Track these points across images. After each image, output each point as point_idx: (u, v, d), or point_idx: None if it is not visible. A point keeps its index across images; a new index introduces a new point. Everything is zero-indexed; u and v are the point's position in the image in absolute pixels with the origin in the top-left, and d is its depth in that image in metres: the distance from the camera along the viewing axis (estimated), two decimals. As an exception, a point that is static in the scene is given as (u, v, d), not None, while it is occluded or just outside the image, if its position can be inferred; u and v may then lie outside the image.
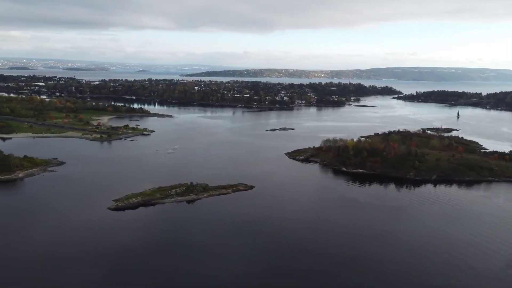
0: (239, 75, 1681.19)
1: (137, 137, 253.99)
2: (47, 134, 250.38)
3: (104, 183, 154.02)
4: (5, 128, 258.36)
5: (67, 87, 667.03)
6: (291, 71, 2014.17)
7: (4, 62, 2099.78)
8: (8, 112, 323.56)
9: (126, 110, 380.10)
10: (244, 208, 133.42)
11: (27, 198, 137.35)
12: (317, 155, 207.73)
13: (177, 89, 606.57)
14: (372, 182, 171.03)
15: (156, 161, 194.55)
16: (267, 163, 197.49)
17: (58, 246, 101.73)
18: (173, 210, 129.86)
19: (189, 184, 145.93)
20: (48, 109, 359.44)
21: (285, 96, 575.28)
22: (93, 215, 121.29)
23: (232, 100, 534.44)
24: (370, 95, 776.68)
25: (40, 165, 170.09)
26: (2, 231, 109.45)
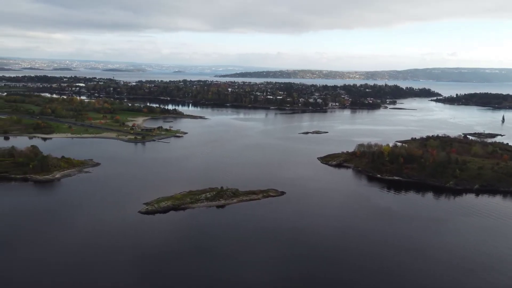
0: (272, 76, 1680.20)
1: (170, 139, 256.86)
2: (84, 135, 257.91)
3: (136, 185, 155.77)
4: (46, 128, 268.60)
5: (106, 88, 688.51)
6: (325, 72, 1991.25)
7: (48, 63, 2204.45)
8: (49, 112, 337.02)
9: (160, 112, 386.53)
10: (273, 215, 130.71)
11: (63, 199, 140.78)
12: (351, 160, 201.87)
13: (210, 91, 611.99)
14: (409, 190, 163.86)
15: (187, 163, 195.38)
16: (298, 167, 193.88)
17: (90, 249, 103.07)
18: (203, 215, 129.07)
19: (219, 189, 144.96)
20: (87, 110, 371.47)
21: (319, 98, 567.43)
22: (124, 218, 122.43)
23: (265, 102, 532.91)
24: (407, 97, 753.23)
25: (76, 166, 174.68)
26: (38, 232, 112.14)
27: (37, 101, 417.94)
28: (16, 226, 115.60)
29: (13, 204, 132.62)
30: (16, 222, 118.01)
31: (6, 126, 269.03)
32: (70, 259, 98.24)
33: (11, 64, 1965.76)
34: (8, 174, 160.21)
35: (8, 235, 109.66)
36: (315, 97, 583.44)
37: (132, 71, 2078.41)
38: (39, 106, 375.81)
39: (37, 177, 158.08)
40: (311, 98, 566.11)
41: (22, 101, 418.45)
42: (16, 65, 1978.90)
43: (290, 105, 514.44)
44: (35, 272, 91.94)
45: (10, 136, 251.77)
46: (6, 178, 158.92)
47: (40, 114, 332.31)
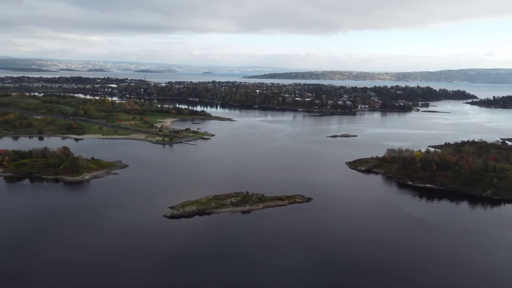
0: (301, 77, 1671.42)
1: (197, 141, 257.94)
2: (114, 136, 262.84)
3: (162, 188, 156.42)
4: (78, 129, 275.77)
5: (137, 89, 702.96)
6: (354, 73, 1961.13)
7: (84, 64, 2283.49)
8: (82, 113, 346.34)
9: (188, 113, 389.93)
10: (299, 222, 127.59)
11: (91, 201, 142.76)
12: (381, 166, 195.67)
13: (239, 92, 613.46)
14: (442, 199, 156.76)
15: (213, 166, 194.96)
16: (326, 172, 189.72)
17: (115, 251, 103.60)
18: (228, 221, 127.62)
19: (245, 194, 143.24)
20: (117, 111, 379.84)
21: (348, 100, 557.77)
22: (149, 222, 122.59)
23: (293, 104, 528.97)
24: (441, 99, 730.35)
25: (105, 167, 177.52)
26: (65, 233, 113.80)
27: (71, 102, 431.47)
28: (44, 227, 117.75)
29: (43, 205, 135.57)
30: (45, 223, 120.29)
31: (41, 127, 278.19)
32: (95, 260, 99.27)
33: (49, 65, 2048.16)
34: (40, 174, 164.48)
35: (37, 235, 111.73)
36: (344, 99, 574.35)
37: (162, 72, 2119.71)
38: (73, 107, 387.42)
39: (67, 178, 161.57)
40: (340, 100, 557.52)
41: (57, 102, 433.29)
42: (53, 66, 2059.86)
43: (318, 107, 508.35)
44: (60, 272, 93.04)
45: (44, 136, 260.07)
46: (39, 178, 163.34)
47: (73, 115, 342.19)
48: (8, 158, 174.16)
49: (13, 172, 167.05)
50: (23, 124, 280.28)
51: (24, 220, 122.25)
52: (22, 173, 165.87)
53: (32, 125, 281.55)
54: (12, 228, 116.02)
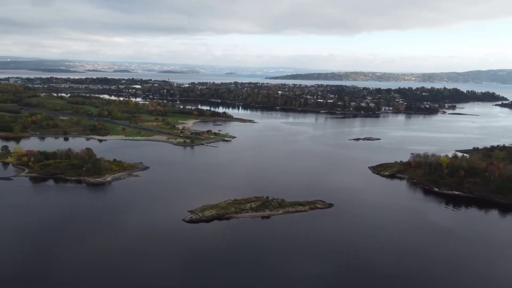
0: (324, 78, 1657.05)
1: (218, 143, 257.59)
2: (136, 137, 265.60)
3: (182, 191, 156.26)
4: (102, 130, 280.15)
5: (160, 89, 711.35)
6: (378, 74, 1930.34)
7: (110, 65, 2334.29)
8: (106, 114, 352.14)
9: (210, 114, 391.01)
10: (320, 229, 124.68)
11: (112, 203, 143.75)
12: (405, 171, 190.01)
13: (260, 93, 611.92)
14: (470, 207, 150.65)
15: (234, 169, 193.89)
16: (348, 177, 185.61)
17: (134, 254, 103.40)
18: (247, 226, 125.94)
19: (265, 199, 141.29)
20: (141, 112, 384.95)
21: (371, 102, 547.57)
22: (169, 225, 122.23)
23: (315, 106, 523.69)
24: (468, 101, 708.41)
25: (126, 169, 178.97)
26: (85, 235, 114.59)
27: (96, 103, 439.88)
28: (66, 228, 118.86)
29: (66, 206, 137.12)
30: (66, 225, 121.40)
31: (66, 127, 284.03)
32: (114, 262, 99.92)
33: (76, 66, 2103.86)
34: (64, 175, 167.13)
35: (58, 236, 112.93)
36: (367, 101, 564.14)
37: (186, 72, 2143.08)
38: (98, 108, 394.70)
39: (89, 179, 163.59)
40: (363, 102, 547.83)
41: (83, 103, 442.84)
42: (81, 67, 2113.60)
43: (341, 109, 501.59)
44: (80, 272, 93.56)
45: (69, 137, 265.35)
46: (62, 179, 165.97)
47: (98, 116, 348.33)
48: (33, 159, 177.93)
49: (38, 172, 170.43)
50: (49, 125, 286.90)
51: (47, 221, 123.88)
52: (47, 174, 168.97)
53: (58, 125, 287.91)
54: (35, 229, 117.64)
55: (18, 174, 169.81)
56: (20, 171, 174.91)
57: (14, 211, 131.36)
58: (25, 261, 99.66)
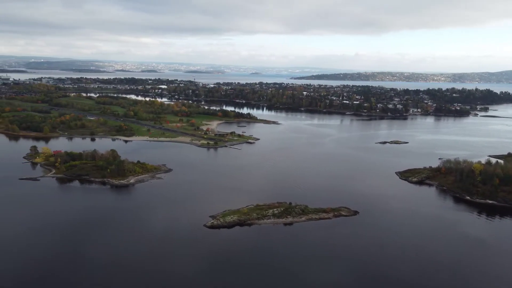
0: (350, 78, 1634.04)
1: (242, 145, 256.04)
2: (161, 139, 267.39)
3: (204, 195, 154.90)
4: (127, 131, 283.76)
5: (185, 90, 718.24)
6: (406, 74, 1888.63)
7: (137, 65, 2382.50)
8: (132, 115, 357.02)
9: (234, 116, 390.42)
10: (344, 237, 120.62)
11: (134, 205, 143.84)
12: (434, 177, 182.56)
13: (285, 94, 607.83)
14: (505, 217, 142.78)
15: (256, 173, 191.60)
16: (374, 183, 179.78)
17: (156, 258, 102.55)
18: (269, 233, 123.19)
19: (288, 205, 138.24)
20: (166, 113, 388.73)
21: (399, 104, 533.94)
22: (189, 230, 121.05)
23: (340, 107, 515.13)
24: (502, 103, 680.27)
25: (150, 171, 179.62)
26: (107, 237, 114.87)
27: (122, 103, 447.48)
28: (89, 230, 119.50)
29: (90, 208, 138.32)
30: (89, 226, 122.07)
31: (93, 128, 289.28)
32: (134, 264, 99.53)
33: (105, 67, 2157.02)
34: (88, 177, 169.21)
35: (81, 237, 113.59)
36: (394, 102, 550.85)
37: (211, 72, 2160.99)
38: (124, 108, 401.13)
39: (113, 181, 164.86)
40: (390, 104, 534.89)
41: (110, 103, 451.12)
42: (110, 67, 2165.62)
43: (367, 110, 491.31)
44: (102, 273, 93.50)
45: (96, 137, 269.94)
46: (87, 180, 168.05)
47: (124, 116, 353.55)
48: (60, 160, 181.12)
49: (64, 173, 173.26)
50: (77, 125, 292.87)
51: (71, 223, 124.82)
52: (72, 175, 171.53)
53: (86, 126, 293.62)
54: (60, 231, 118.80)
55: (45, 175, 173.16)
56: (48, 171, 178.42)
57: (40, 212, 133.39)
58: (52, 262, 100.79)
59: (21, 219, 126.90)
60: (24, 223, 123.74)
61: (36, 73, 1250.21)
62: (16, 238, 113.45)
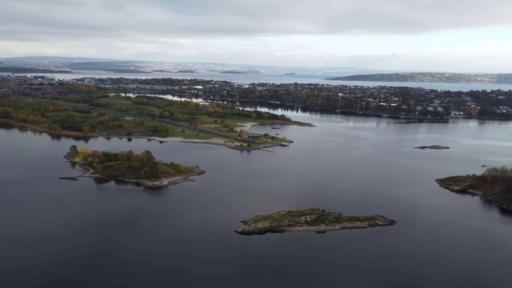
0: (387, 79, 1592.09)
1: (275, 148, 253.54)
2: (195, 140, 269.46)
3: (235, 199, 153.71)
4: (163, 132, 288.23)
5: (220, 91, 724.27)
6: (447, 75, 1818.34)
7: (174, 66, 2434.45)
8: (167, 115, 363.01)
9: (268, 117, 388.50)
10: (379, 248, 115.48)
11: (167, 208, 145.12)
12: (479, 186, 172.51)
13: (320, 96, 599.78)
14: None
15: (289, 177, 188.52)
16: (412, 190, 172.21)
17: (187, 261, 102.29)
18: (301, 241, 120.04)
19: (321, 212, 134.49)
20: (200, 113, 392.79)
21: (439, 106, 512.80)
22: (221, 236, 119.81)
23: (377, 109, 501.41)
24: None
25: (183, 173, 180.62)
26: (139, 239, 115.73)
27: (159, 104, 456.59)
28: (121, 231, 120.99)
29: (123, 209, 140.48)
30: (122, 227, 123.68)
31: (130, 128, 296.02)
32: (164, 266, 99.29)
33: (144, 67, 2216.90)
34: (123, 177, 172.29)
35: (116, 238, 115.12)
36: (435, 105, 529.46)
37: (247, 73, 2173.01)
38: (160, 109, 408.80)
39: (147, 182, 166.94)
40: (430, 106, 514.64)
41: (147, 103, 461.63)
42: (148, 67, 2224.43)
43: (405, 113, 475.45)
44: (135, 272, 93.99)
45: (133, 137, 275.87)
46: (123, 181, 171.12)
47: (160, 117, 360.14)
48: (97, 160, 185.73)
49: (101, 173, 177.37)
50: (115, 125, 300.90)
51: (106, 223, 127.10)
52: (108, 175, 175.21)
53: (123, 126, 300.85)
54: (95, 230, 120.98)
55: (83, 175, 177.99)
56: (85, 171, 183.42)
57: (77, 212, 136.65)
58: (89, 260, 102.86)
59: (59, 218, 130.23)
60: (62, 223, 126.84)
61: (79, 73, 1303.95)
62: (54, 237, 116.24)
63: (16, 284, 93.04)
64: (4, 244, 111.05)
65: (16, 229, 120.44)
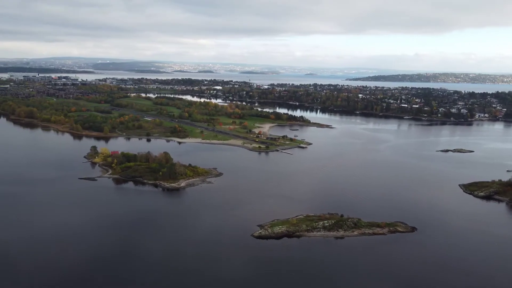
0: (409, 80, 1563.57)
1: (293, 150, 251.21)
2: (213, 141, 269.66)
3: (253, 202, 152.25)
4: (181, 132, 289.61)
5: (240, 91, 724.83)
6: (471, 76, 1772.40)
7: (195, 66, 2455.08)
8: (186, 116, 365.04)
9: (287, 118, 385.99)
10: (399, 256, 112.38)
11: (184, 210, 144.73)
12: (505, 192, 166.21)
13: (340, 97, 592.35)
14: None
15: (307, 180, 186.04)
16: (435, 196, 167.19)
17: (203, 262, 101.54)
18: (319, 247, 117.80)
19: (339, 217, 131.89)
20: (219, 114, 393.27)
21: (463, 108, 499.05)
22: (237, 239, 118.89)
23: (398, 111, 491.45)
24: None
25: (200, 175, 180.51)
26: (154, 241, 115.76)
27: (178, 104, 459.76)
28: (137, 232, 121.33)
29: (140, 210, 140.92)
30: (137, 229, 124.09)
31: (149, 129, 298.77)
32: (180, 266, 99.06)
33: (165, 67, 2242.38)
34: (142, 179, 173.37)
35: (133, 238, 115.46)
36: (458, 106, 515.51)
37: (266, 73, 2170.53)
38: (180, 109, 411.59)
39: (165, 184, 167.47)
40: (454, 108, 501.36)
41: (167, 104, 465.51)
42: (169, 68, 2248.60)
43: (427, 115, 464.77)
44: (151, 272, 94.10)
45: (152, 138, 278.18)
46: (141, 182, 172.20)
47: (179, 118, 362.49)
48: (116, 161, 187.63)
49: (119, 174, 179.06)
50: (135, 126, 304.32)
51: (122, 224, 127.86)
52: (127, 176, 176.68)
53: (142, 127, 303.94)
54: (113, 232, 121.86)
55: (102, 175, 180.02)
56: (105, 171, 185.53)
57: (96, 212, 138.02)
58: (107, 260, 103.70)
59: (78, 218, 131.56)
60: (81, 223, 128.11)
61: (102, 73, 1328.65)
62: (74, 235, 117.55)
63: (43, 278, 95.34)
64: (28, 242, 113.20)
65: (35, 228, 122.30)
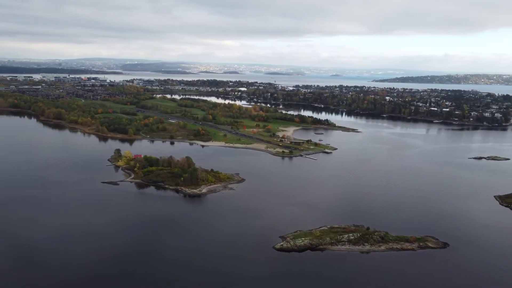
0: (438, 81, 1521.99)
1: (318, 155, 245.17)
2: (236, 145, 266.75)
3: (275, 211, 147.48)
4: (205, 136, 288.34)
5: (264, 93, 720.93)
6: (505, 77, 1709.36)
7: (220, 67, 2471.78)
8: (210, 119, 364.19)
9: (312, 122, 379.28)
10: (430, 275, 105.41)
11: (204, 217, 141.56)
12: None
13: (366, 99, 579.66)
14: None
15: (332, 188, 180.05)
16: (468, 208, 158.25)
17: (217, 276, 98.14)
18: (343, 262, 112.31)
19: (365, 230, 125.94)
20: (243, 117, 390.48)
21: (497, 112, 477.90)
22: (257, 252, 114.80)
23: (427, 114, 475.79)
24: None
25: (222, 180, 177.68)
26: (172, 248, 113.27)
27: (203, 106, 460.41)
28: (156, 238, 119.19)
29: (160, 217, 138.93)
30: (157, 235, 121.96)
31: (173, 131, 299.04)
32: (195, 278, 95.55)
33: (191, 68, 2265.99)
34: (163, 184, 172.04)
35: (147, 246, 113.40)
36: (492, 110, 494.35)
37: (291, 74, 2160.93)
38: (204, 111, 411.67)
39: (186, 190, 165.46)
40: (487, 112, 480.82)
41: (191, 106, 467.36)
42: (195, 69, 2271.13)
43: (458, 119, 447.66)
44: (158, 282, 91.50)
45: (175, 141, 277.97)
46: (162, 187, 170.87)
47: (203, 120, 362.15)
48: (139, 165, 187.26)
49: (142, 178, 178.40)
50: (159, 128, 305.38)
51: (142, 230, 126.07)
52: (149, 181, 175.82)
53: (166, 129, 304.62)
54: (132, 237, 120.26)
55: (125, 179, 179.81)
56: (127, 175, 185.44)
57: (115, 216, 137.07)
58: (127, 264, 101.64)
59: (100, 220, 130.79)
60: (103, 224, 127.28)
61: (130, 74, 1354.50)
62: (97, 235, 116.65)
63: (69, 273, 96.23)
64: (54, 239, 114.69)
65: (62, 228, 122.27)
